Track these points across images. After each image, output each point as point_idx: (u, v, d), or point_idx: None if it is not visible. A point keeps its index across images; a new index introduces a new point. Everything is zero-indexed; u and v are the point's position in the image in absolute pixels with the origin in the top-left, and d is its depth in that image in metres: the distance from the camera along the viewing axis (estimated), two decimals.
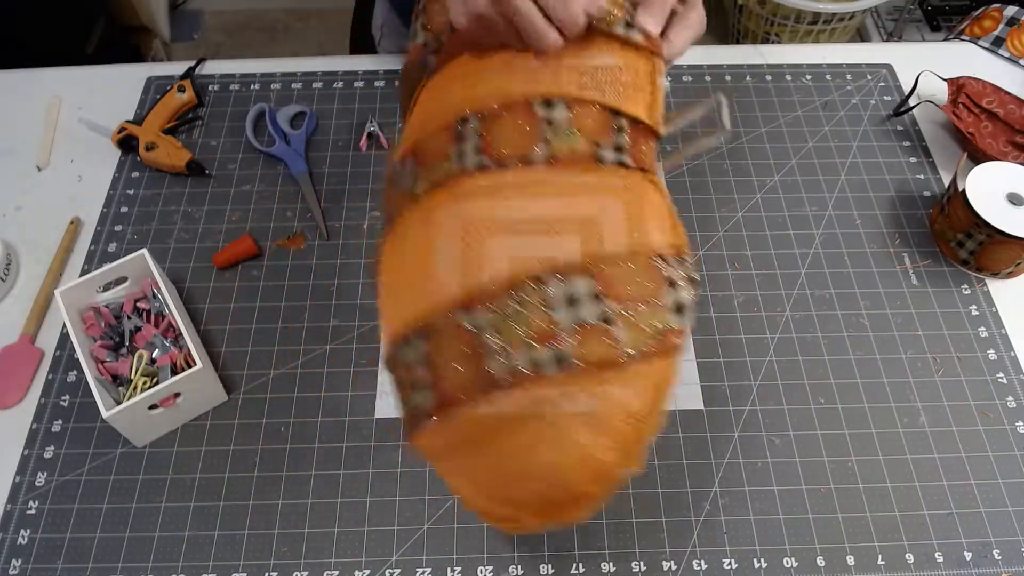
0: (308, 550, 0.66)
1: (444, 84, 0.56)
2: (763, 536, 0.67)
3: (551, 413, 0.45)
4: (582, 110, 0.52)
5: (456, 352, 0.45)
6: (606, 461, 0.46)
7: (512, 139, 0.50)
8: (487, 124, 0.51)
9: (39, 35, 1.58)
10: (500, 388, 0.44)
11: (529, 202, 0.49)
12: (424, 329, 0.47)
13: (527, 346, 0.44)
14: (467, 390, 0.45)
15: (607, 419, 0.46)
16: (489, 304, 0.46)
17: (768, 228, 0.85)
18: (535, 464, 0.46)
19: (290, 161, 0.89)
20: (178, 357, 0.71)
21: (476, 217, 0.48)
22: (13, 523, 0.67)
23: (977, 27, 1.06)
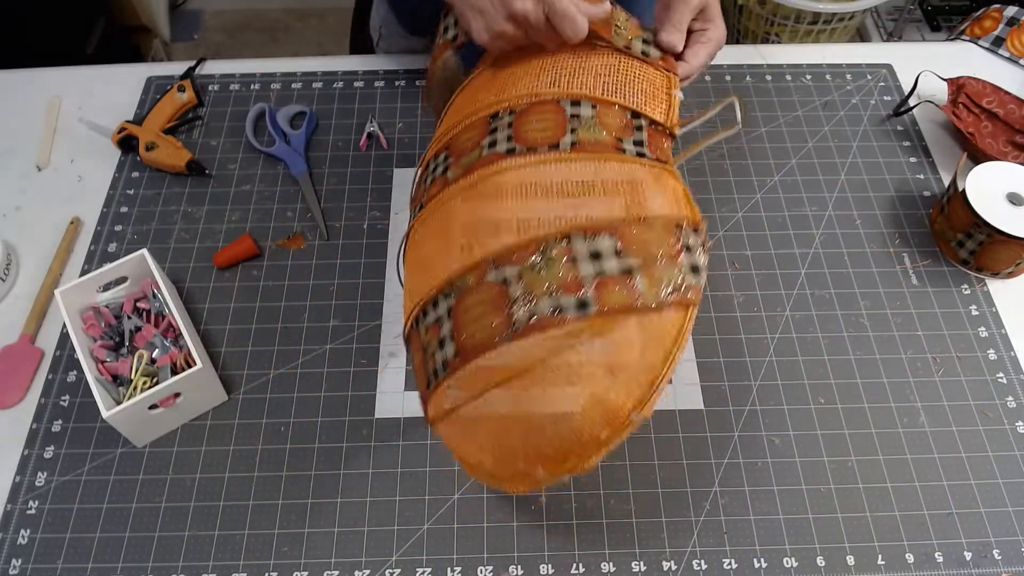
0: (308, 550, 0.66)
1: (476, 90, 0.61)
2: (763, 536, 0.67)
3: (569, 357, 0.49)
4: (605, 109, 0.58)
5: (481, 303, 0.49)
6: (619, 405, 0.48)
7: (541, 129, 0.56)
8: (518, 117, 0.57)
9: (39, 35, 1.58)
10: (522, 333, 0.47)
11: (556, 173, 0.54)
12: (450, 288, 0.51)
13: (551, 294, 0.48)
14: (489, 337, 0.48)
15: (622, 364, 0.49)
16: (516, 259, 0.49)
17: (768, 228, 0.85)
18: (551, 409, 0.49)
19: (290, 161, 0.89)
20: (178, 357, 0.71)
21: (508, 183, 0.53)
22: (13, 523, 0.67)
23: (977, 27, 1.06)
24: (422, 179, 0.62)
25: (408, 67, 1.00)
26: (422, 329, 0.53)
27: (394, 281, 0.81)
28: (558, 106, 0.57)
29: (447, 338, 0.50)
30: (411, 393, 0.74)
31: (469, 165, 0.56)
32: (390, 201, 0.87)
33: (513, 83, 0.61)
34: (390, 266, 0.82)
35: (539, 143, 0.55)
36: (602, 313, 0.47)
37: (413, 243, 0.59)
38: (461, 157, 0.57)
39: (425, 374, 0.53)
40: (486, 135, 0.57)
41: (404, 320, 0.58)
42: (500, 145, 0.56)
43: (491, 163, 0.55)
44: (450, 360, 0.50)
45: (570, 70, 0.60)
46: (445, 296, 0.52)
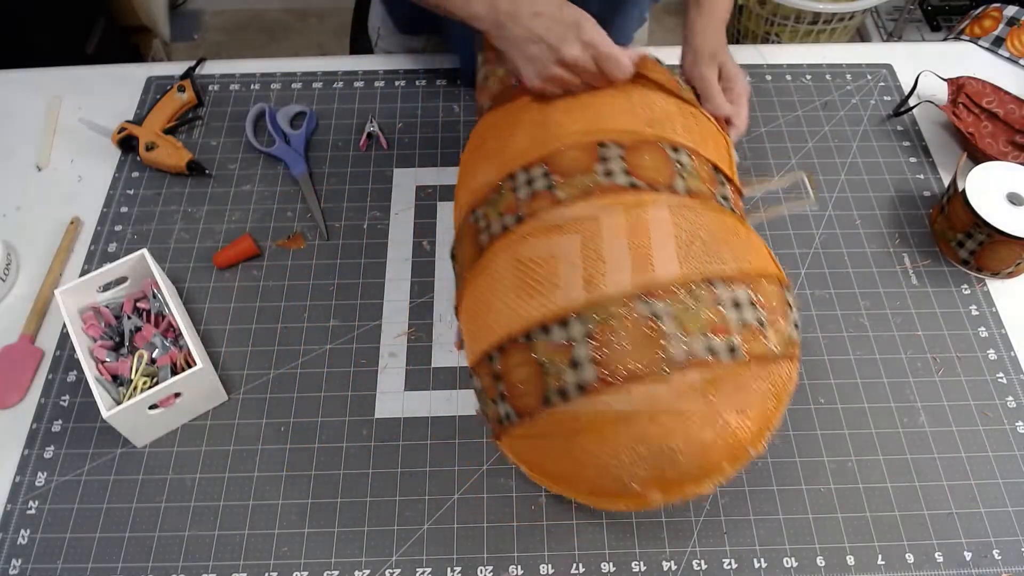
0: (308, 550, 0.66)
1: (550, 109, 0.65)
2: (763, 536, 0.67)
3: (710, 395, 0.53)
4: (699, 160, 0.63)
5: (630, 333, 0.52)
6: (743, 441, 0.54)
7: (655, 168, 0.60)
8: (629, 152, 0.61)
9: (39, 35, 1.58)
10: (678, 367, 0.52)
11: (682, 216, 0.58)
12: (590, 311, 0.53)
13: (704, 334, 0.52)
14: (644, 367, 0.52)
15: (750, 406, 0.54)
16: (666, 295, 0.53)
17: (768, 228, 0.85)
18: (687, 439, 0.53)
19: (290, 161, 0.89)
20: (178, 357, 0.71)
21: (643, 221, 0.57)
22: (13, 523, 0.67)
23: (977, 27, 1.06)
24: (505, 188, 0.62)
25: (408, 67, 1.00)
26: (541, 346, 0.55)
27: (394, 281, 0.81)
28: (661, 149, 0.62)
29: (584, 362, 0.53)
30: (411, 393, 0.74)
31: (588, 188, 0.58)
32: (390, 201, 0.87)
33: (601, 113, 0.64)
34: (390, 266, 0.82)
35: (657, 183, 0.59)
36: (747, 359, 0.53)
37: (515, 253, 0.59)
38: (571, 177, 0.59)
39: (541, 390, 0.54)
40: (597, 161, 0.60)
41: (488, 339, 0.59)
42: (618, 176, 0.59)
43: (615, 192, 0.58)
44: (591, 383, 0.52)
45: (660, 113, 0.65)
46: (581, 320, 0.54)
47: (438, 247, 0.84)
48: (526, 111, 0.66)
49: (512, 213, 0.60)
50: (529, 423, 0.56)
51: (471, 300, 0.62)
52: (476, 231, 0.63)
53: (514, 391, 0.56)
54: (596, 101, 0.65)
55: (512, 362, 0.57)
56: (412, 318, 0.79)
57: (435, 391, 0.74)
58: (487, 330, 0.59)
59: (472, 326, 0.62)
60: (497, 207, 0.62)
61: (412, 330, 0.78)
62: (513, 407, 0.57)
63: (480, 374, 0.61)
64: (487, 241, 0.61)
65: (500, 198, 0.62)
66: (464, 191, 0.68)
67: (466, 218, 0.65)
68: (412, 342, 0.77)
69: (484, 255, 0.61)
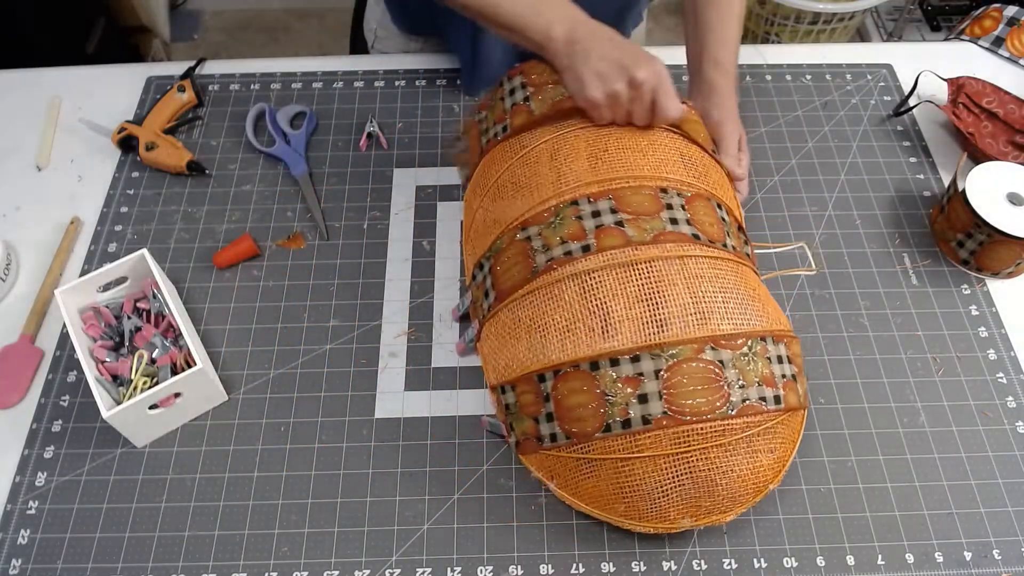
0: (308, 550, 0.66)
1: (624, 144, 0.68)
2: (763, 536, 0.67)
3: (754, 436, 0.59)
4: (731, 217, 0.69)
5: (700, 376, 0.58)
6: (767, 478, 0.61)
7: (710, 223, 0.65)
8: (688, 202, 0.65)
9: (39, 35, 1.58)
10: (736, 415, 0.58)
11: (729, 271, 0.64)
12: (662, 351, 0.58)
13: (758, 385, 0.59)
14: (709, 410, 0.57)
15: (777, 446, 0.61)
16: (728, 346, 0.59)
17: (768, 228, 0.85)
18: (728, 474, 0.59)
19: (290, 161, 0.89)
20: (178, 357, 0.71)
21: (699, 271, 0.62)
22: (13, 523, 0.67)
23: (977, 27, 1.06)
24: (567, 214, 0.64)
25: (408, 67, 1.00)
26: (607, 376, 0.58)
27: (394, 281, 0.81)
28: (711, 204, 0.67)
29: (653, 395, 0.58)
30: (411, 393, 0.74)
31: (658, 234, 0.62)
32: (390, 201, 0.87)
33: (657, 158, 0.67)
34: (390, 266, 0.82)
35: (714, 237, 0.64)
36: (784, 409, 0.60)
37: (583, 283, 0.62)
38: (639, 218, 0.63)
39: (602, 418, 0.58)
40: (663, 208, 0.64)
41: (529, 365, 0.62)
42: (683, 226, 0.63)
43: (682, 241, 0.63)
44: (657, 417, 0.57)
45: (703, 168, 0.69)
46: (654, 356, 0.58)
47: (438, 247, 0.84)
48: (582, 133, 0.68)
49: (578, 241, 0.63)
50: (581, 446, 0.59)
51: (518, 318, 0.64)
52: (528, 250, 0.65)
53: (569, 415, 0.59)
54: (648, 139, 0.68)
55: (570, 387, 0.60)
56: (412, 318, 0.79)
57: (435, 391, 0.74)
58: (537, 351, 0.62)
59: (512, 343, 0.64)
60: (559, 232, 0.64)
61: (412, 330, 0.78)
62: (564, 429, 0.60)
63: (519, 391, 0.62)
64: (545, 263, 0.63)
65: (562, 224, 0.64)
66: (501, 203, 0.69)
67: (511, 232, 0.66)
68: (412, 342, 0.77)
69: (541, 275, 0.63)
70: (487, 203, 0.71)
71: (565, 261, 0.62)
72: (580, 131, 0.69)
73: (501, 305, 0.65)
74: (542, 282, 0.63)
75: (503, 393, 0.64)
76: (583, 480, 0.61)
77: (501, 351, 0.65)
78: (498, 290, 0.66)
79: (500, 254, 0.67)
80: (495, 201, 0.70)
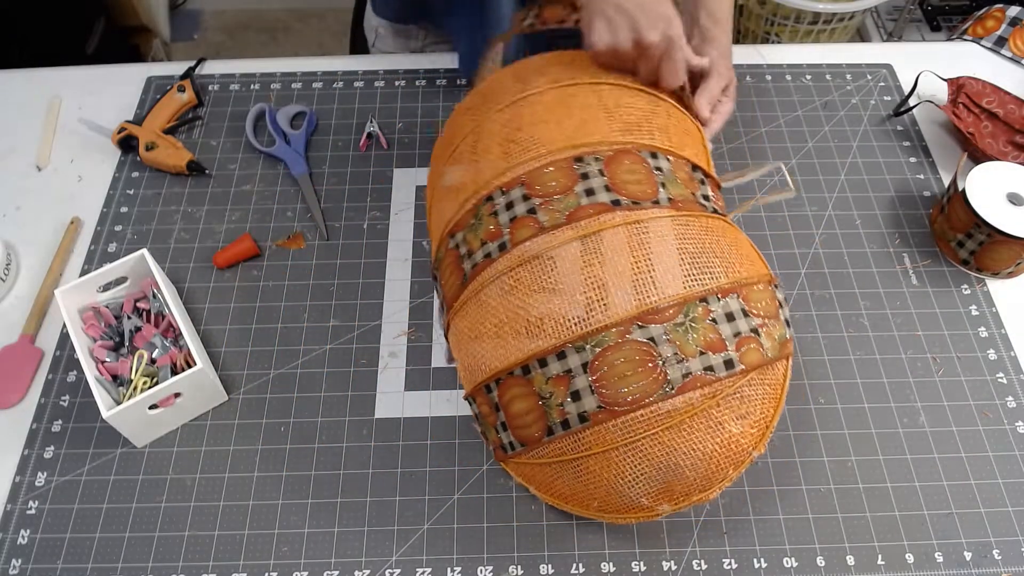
0: (308, 550, 0.66)
1: (527, 119, 0.63)
2: (763, 536, 0.67)
3: (711, 410, 0.54)
4: (678, 162, 0.63)
5: (627, 360, 0.53)
6: (744, 446, 0.56)
7: (636, 181, 0.59)
8: (607, 166, 0.59)
9: (39, 35, 1.58)
10: (677, 392, 0.53)
11: (666, 230, 0.58)
12: (583, 341, 0.54)
13: (700, 354, 0.54)
14: (644, 394, 0.53)
15: (750, 411, 0.56)
16: (660, 319, 0.54)
17: (768, 228, 0.85)
18: (691, 453, 0.55)
19: (290, 161, 0.89)
20: (178, 357, 0.71)
21: (622, 239, 0.56)
22: (13, 523, 0.67)
23: (980, 27, 1.06)
24: (484, 213, 0.61)
25: (408, 67, 1.00)
26: (538, 378, 0.55)
27: (394, 281, 0.81)
28: (640, 157, 0.60)
29: (585, 390, 0.54)
30: (411, 393, 0.74)
31: (572, 211, 0.57)
32: (390, 201, 0.87)
33: (574, 121, 0.62)
34: (390, 266, 0.82)
35: (640, 197, 0.58)
36: (744, 371, 0.55)
37: (502, 285, 0.58)
38: (552, 198, 0.58)
39: (543, 422, 0.56)
40: (578, 180, 0.58)
41: (486, 369, 0.59)
42: (600, 194, 0.58)
43: (600, 213, 0.57)
44: (592, 412, 0.54)
45: (635, 115, 0.64)
46: (578, 350, 0.54)
47: None
48: (499, 116, 0.64)
49: (494, 240, 0.59)
50: (533, 452, 0.58)
51: (460, 329, 0.62)
52: (458, 258, 0.62)
53: (515, 422, 0.58)
54: (567, 104, 0.63)
55: (510, 394, 0.58)
56: (412, 318, 0.79)
57: (435, 391, 0.74)
58: (480, 361, 0.60)
59: (464, 355, 0.62)
60: (478, 233, 0.60)
61: (412, 330, 0.78)
62: (516, 437, 0.58)
63: (478, 402, 0.61)
64: (471, 269, 0.60)
65: (480, 224, 0.60)
66: (439, 206, 0.66)
67: (444, 241, 0.64)
68: (412, 342, 0.77)
69: (470, 284, 0.60)
70: (430, 209, 0.69)
71: (486, 264, 0.59)
72: (496, 114, 0.64)
73: (451, 316, 0.63)
74: (471, 290, 0.60)
75: (471, 404, 0.63)
76: (552, 482, 0.60)
77: (460, 362, 0.64)
78: (446, 302, 0.64)
79: (441, 264, 0.65)
80: (431, 207, 0.68)
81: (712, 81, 0.73)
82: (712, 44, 0.77)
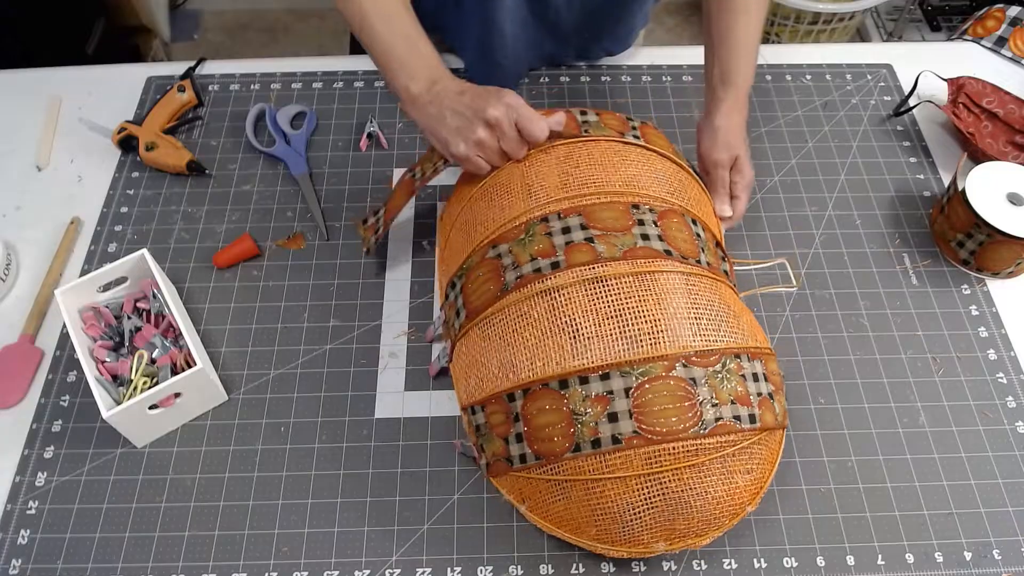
0: (308, 550, 0.66)
1: (595, 160, 0.67)
2: (763, 536, 0.67)
3: (728, 457, 0.57)
4: (708, 233, 0.68)
5: (671, 395, 0.56)
6: (743, 500, 0.59)
7: (683, 239, 0.64)
8: (660, 218, 0.64)
9: (39, 35, 1.58)
10: (709, 434, 0.56)
11: (706, 288, 0.62)
12: (633, 368, 0.57)
13: (732, 403, 0.58)
14: (682, 428, 0.56)
15: (754, 468, 0.59)
16: (702, 363, 0.58)
17: (768, 228, 0.85)
18: (703, 495, 0.57)
19: (290, 161, 0.89)
20: (178, 357, 0.71)
21: (672, 286, 0.61)
22: (13, 523, 0.67)
23: (980, 27, 1.06)
24: (537, 230, 0.63)
25: None
26: (576, 395, 0.57)
27: (394, 281, 0.81)
28: (684, 220, 0.66)
29: (624, 414, 0.56)
30: (411, 393, 0.74)
31: (628, 249, 0.61)
32: None
33: (630, 173, 0.67)
34: (390, 266, 0.82)
35: (687, 254, 0.63)
36: (760, 428, 0.58)
37: (552, 300, 0.61)
38: (609, 234, 0.62)
39: (572, 437, 0.57)
40: (635, 224, 0.63)
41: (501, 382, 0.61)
42: (654, 242, 0.62)
43: (654, 257, 0.61)
44: (627, 436, 0.56)
45: (677, 183, 0.68)
46: (624, 374, 0.57)
47: (438, 247, 0.84)
48: (553, 152, 0.68)
49: (547, 258, 0.62)
50: (549, 467, 0.58)
51: (487, 335, 0.63)
52: (499, 267, 0.64)
53: (539, 434, 0.58)
54: (621, 155, 0.68)
55: (539, 406, 0.59)
56: (412, 318, 0.79)
57: (435, 391, 0.74)
58: (508, 370, 0.60)
59: (486, 363, 0.63)
60: (528, 248, 0.63)
61: (412, 330, 0.78)
62: (534, 449, 0.59)
63: (488, 411, 0.62)
64: (515, 280, 0.62)
65: (531, 240, 0.63)
66: (470, 224, 0.69)
67: (482, 250, 0.66)
68: (412, 342, 0.77)
69: (511, 293, 0.62)
70: (460, 222, 0.71)
71: (535, 278, 0.61)
72: (551, 149, 0.68)
73: (472, 323, 0.65)
74: (512, 299, 0.62)
75: (473, 414, 0.64)
76: (554, 503, 0.60)
77: (472, 370, 0.64)
78: (469, 308, 0.65)
79: (471, 272, 0.66)
80: (467, 220, 0.70)
81: (716, 174, 0.76)
82: (722, 116, 0.76)
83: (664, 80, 0.99)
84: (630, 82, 0.98)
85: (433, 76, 0.70)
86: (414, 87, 0.69)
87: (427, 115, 0.69)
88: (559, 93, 0.97)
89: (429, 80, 0.69)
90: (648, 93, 0.97)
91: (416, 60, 0.70)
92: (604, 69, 1.00)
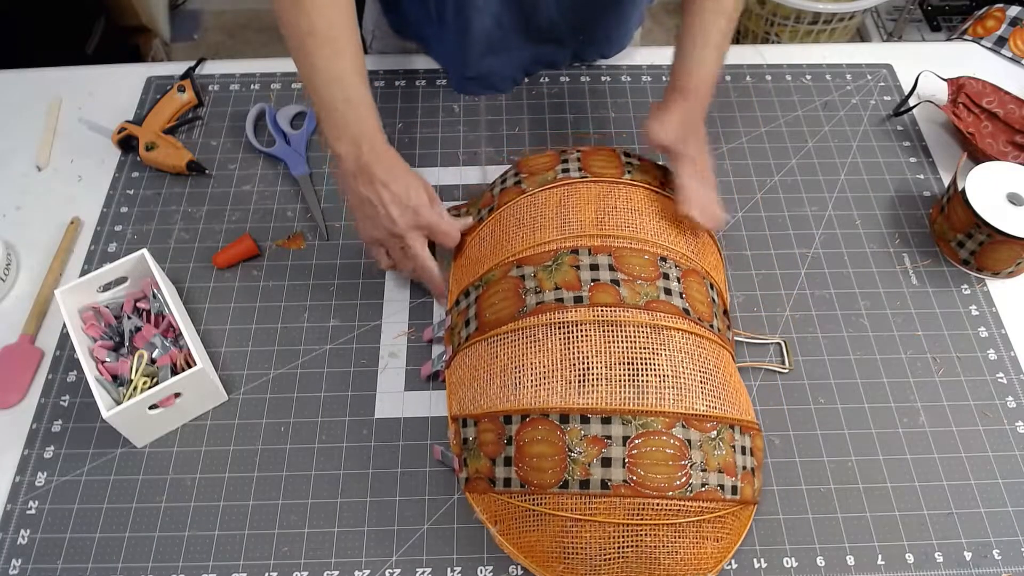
0: (308, 550, 0.66)
1: (633, 205, 0.69)
2: (763, 536, 0.67)
3: (704, 523, 0.59)
4: (719, 302, 0.69)
5: (667, 452, 0.57)
6: (708, 567, 0.60)
7: (700, 300, 0.66)
8: (684, 276, 0.66)
9: (39, 35, 1.58)
10: (695, 497, 0.57)
11: (711, 351, 0.64)
12: (635, 418, 0.58)
13: (719, 471, 0.59)
14: (670, 486, 0.57)
15: (722, 537, 0.60)
16: (700, 427, 0.59)
17: (768, 228, 0.85)
18: (672, 555, 0.58)
19: (290, 161, 0.89)
20: (178, 357, 0.71)
21: (683, 346, 0.62)
22: (13, 523, 0.67)
23: (980, 27, 1.06)
24: (565, 261, 0.64)
25: (408, 67, 1.00)
26: (575, 433, 0.58)
27: (394, 281, 0.81)
28: (703, 283, 0.68)
29: (617, 461, 0.57)
30: (411, 393, 0.74)
31: (650, 301, 0.63)
32: None
33: (661, 225, 0.68)
34: None
35: (703, 316, 0.65)
36: (738, 501, 0.60)
37: (569, 333, 0.61)
38: (635, 282, 0.63)
39: (561, 473, 0.58)
40: (660, 277, 0.64)
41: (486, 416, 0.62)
42: (675, 299, 0.64)
43: (673, 314, 0.63)
44: (616, 484, 0.57)
45: (700, 248, 0.70)
46: (625, 422, 0.58)
47: (438, 247, 0.83)
48: (593, 186, 0.69)
49: (571, 290, 0.63)
50: (533, 497, 0.58)
51: (495, 352, 0.63)
52: (520, 287, 0.64)
53: (529, 463, 0.59)
54: (655, 204, 0.70)
55: (534, 435, 0.59)
56: (412, 318, 0.79)
57: (435, 391, 0.74)
58: (510, 392, 0.61)
59: (488, 378, 0.63)
60: (554, 277, 0.64)
61: (412, 330, 0.78)
62: (520, 476, 0.59)
63: (481, 428, 0.62)
64: (535, 304, 0.63)
65: (558, 269, 0.64)
66: (496, 236, 0.69)
67: (505, 266, 0.66)
68: (412, 342, 0.77)
69: (528, 316, 0.63)
70: (484, 232, 0.71)
71: (555, 307, 0.62)
72: (592, 184, 0.69)
73: (481, 337, 0.65)
74: (528, 323, 0.62)
75: (464, 426, 0.64)
76: (527, 532, 0.60)
77: (470, 383, 0.64)
78: (481, 321, 0.65)
79: (490, 286, 0.66)
80: (494, 232, 0.70)
81: (685, 191, 0.69)
82: (670, 126, 0.70)
83: (664, 80, 0.99)
84: (630, 82, 0.98)
85: (361, 142, 0.68)
86: (340, 148, 0.68)
87: (350, 190, 0.70)
88: (559, 93, 0.97)
89: (357, 147, 0.68)
90: (648, 93, 0.97)
91: (351, 120, 0.68)
92: (604, 69, 1.00)
